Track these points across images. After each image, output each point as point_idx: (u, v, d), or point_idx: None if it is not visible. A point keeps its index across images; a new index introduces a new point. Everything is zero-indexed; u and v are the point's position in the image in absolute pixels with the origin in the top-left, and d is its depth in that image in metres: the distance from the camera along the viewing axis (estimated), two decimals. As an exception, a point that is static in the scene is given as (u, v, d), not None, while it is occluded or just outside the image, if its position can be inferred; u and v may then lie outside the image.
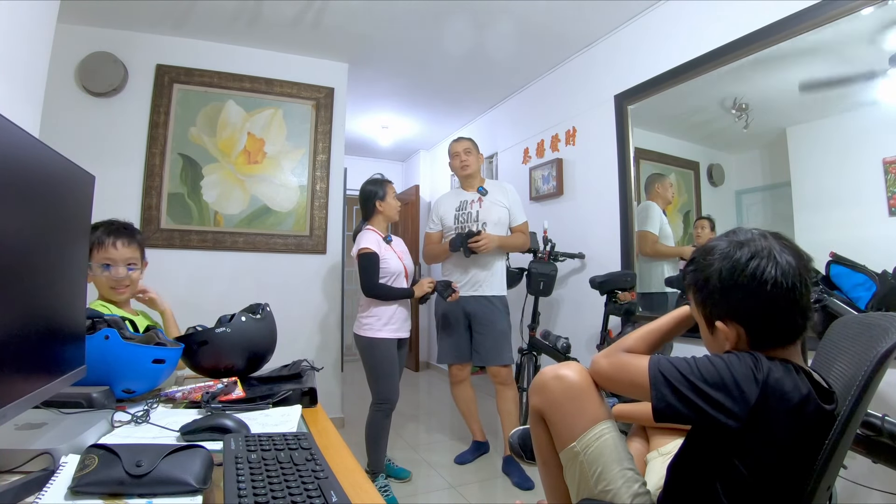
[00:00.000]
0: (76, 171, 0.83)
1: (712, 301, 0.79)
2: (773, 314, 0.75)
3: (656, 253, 2.55)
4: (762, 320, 0.76)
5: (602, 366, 0.90)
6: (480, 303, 2.46)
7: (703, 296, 0.80)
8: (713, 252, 0.79)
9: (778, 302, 0.74)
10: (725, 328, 0.77)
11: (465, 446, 2.66)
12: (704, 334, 0.85)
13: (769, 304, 0.74)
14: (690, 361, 0.77)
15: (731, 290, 0.76)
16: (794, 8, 1.82)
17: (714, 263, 0.78)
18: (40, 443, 0.72)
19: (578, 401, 0.91)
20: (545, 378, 0.97)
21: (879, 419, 1.05)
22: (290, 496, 0.58)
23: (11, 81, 1.47)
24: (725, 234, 0.82)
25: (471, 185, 2.57)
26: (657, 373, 0.77)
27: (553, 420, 0.94)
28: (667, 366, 0.78)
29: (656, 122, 2.59)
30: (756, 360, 0.73)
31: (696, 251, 0.85)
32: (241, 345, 1.28)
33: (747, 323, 0.76)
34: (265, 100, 3.08)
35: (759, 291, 0.74)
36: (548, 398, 0.94)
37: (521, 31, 2.83)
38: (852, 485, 1.39)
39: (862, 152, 1.68)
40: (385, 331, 2.22)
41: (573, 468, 0.90)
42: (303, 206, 3.12)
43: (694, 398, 0.73)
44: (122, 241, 1.39)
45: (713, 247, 0.80)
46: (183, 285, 2.81)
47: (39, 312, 0.72)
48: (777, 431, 0.71)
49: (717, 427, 0.73)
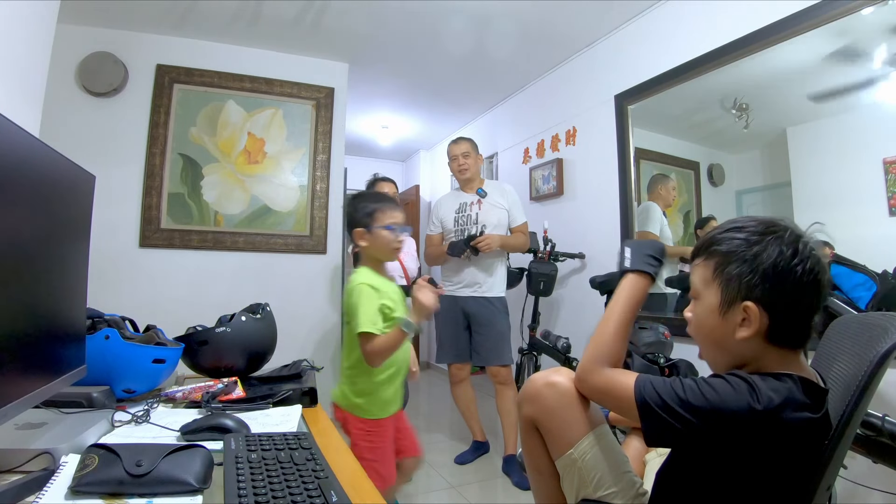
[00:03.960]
0: (76, 170, 0.84)
1: (752, 280, 0.72)
2: (807, 316, 0.73)
3: None
4: (794, 318, 0.72)
5: (587, 388, 0.88)
6: (480, 303, 2.46)
7: (736, 271, 0.73)
8: (775, 229, 0.73)
9: (815, 307, 0.72)
10: (757, 311, 0.71)
11: (465, 446, 2.66)
12: (708, 311, 0.77)
13: (809, 305, 0.72)
14: (677, 387, 0.73)
15: (783, 276, 0.70)
16: (794, 8, 1.81)
17: (772, 243, 0.71)
18: (40, 442, 0.72)
19: (572, 407, 0.90)
20: (537, 386, 0.94)
21: (879, 419, 1.05)
22: (291, 496, 0.58)
23: (11, 81, 1.47)
24: (767, 219, 0.76)
25: (470, 187, 2.57)
26: (644, 402, 0.74)
27: (547, 428, 0.93)
28: (653, 394, 0.74)
29: (656, 122, 2.59)
30: (753, 388, 0.69)
31: (735, 225, 0.77)
32: (242, 345, 1.29)
33: (779, 315, 0.71)
34: (265, 100, 3.08)
35: (808, 290, 0.71)
36: (541, 407, 0.93)
37: (521, 31, 2.82)
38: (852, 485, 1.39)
39: (862, 152, 1.68)
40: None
41: (571, 475, 0.89)
42: (303, 206, 3.12)
43: (683, 426, 0.70)
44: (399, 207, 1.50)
45: (775, 225, 0.74)
46: (183, 285, 2.81)
47: (40, 312, 0.72)
48: (769, 451, 0.70)
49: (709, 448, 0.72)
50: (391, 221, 1.40)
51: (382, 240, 1.39)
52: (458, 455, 2.57)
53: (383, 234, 1.39)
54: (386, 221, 1.39)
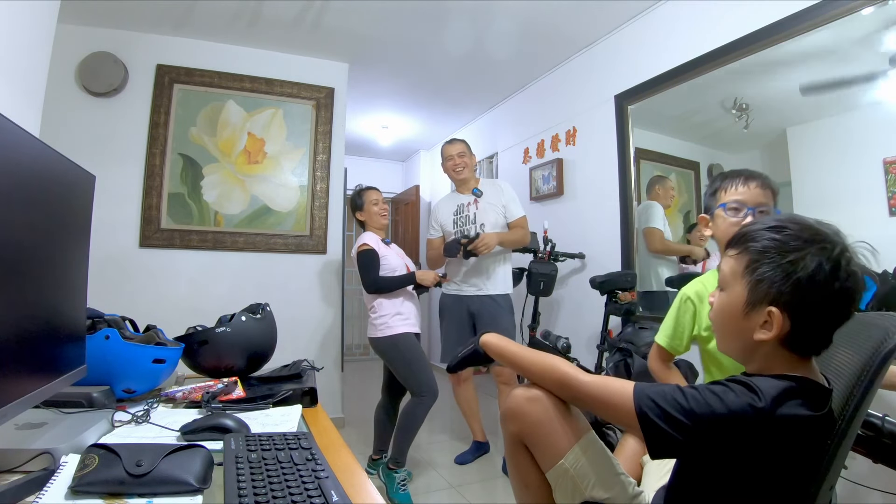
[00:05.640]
0: (77, 170, 0.84)
1: (782, 286, 0.70)
2: (831, 329, 0.71)
3: (666, 249, 2.53)
4: (817, 329, 0.71)
5: (581, 394, 0.84)
6: (485, 302, 2.46)
7: (769, 274, 0.71)
8: (819, 239, 0.70)
9: (841, 321, 0.70)
10: (780, 317, 0.70)
11: (465, 446, 2.66)
12: (732, 304, 0.76)
13: (835, 320, 0.70)
14: (679, 397, 0.72)
15: (817, 290, 0.68)
16: (794, 8, 1.81)
17: (813, 254, 0.68)
18: (40, 442, 0.72)
19: (558, 418, 0.89)
20: (519, 402, 0.93)
21: (880, 419, 1.05)
22: (291, 496, 0.58)
23: (12, 81, 1.47)
24: (817, 225, 0.72)
25: (466, 188, 2.57)
26: (644, 413, 0.72)
27: (535, 442, 0.92)
28: (652, 405, 0.72)
29: (656, 122, 2.59)
30: (753, 389, 0.68)
31: (782, 224, 0.73)
32: (242, 345, 1.28)
33: (803, 325, 0.70)
34: (265, 100, 3.08)
35: (839, 306, 0.69)
36: (527, 422, 0.92)
37: (521, 31, 2.83)
38: (853, 485, 1.39)
39: (862, 152, 1.68)
40: (403, 325, 2.24)
41: (565, 484, 0.89)
42: (303, 206, 3.12)
43: (686, 437, 0.69)
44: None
45: (820, 234, 0.70)
46: (183, 285, 2.81)
47: (40, 312, 0.72)
48: (774, 450, 0.69)
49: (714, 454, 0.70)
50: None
51: None
52: (458, 455, 2.57)
53: None
54: None
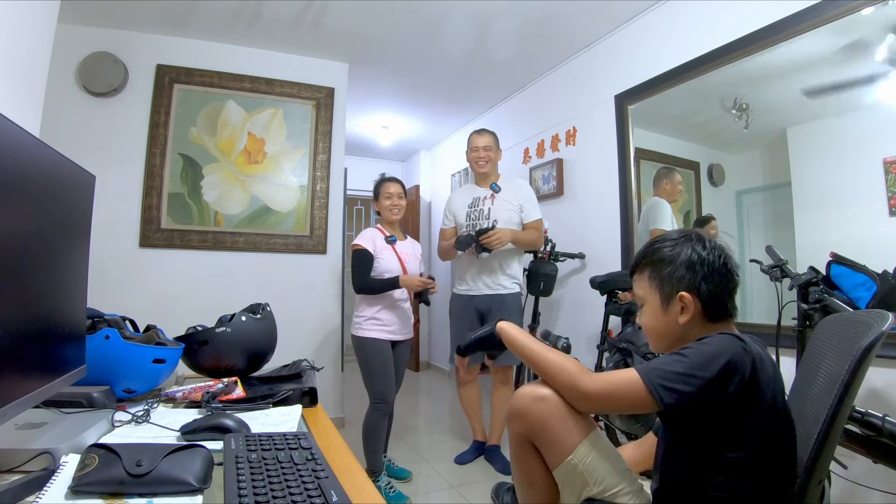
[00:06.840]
0: (77, 170, 0.84)
1: (680, 274, 0.90)
2: (730, 293, 0.91)
3: None
4: (719, 296, 0.89)
5: (590, 396, 0.88)
6: (493, 299, 2.45)
7: (667, 272, 0.92)
8: (688, 234, 0.94)
9: (733, 284, 0.91)
10: (691, 298, 0.89)
11: (465, 446, 2.66)
12: (653, 311, 0.94)
13: (727, 284, 0.90)
14: (676, 359, 0.82)
15: (702, 265, 0.89)
16: (794, 8, 1.81)
17: (687, 244, 0.92)
18: (40, 442, 0.72)
19: (565, 416, 0.91)
20: (525, 402, 0.94)
21: (880, 419, 1.05)
22: (291, 496, 0.58)
23: (12, 81, 1.47)
24: (679, 230, 0.98)
25: (485, 182, 2.56)
26: (657, 384, 0.81)
27: (543, 441, 0.93)
28: (662, 372, 0.82)
29: (656, 122, 2.59)
30: (735, 336, 0.83)
31: (657, 240, 0.97)
32: (242, 345, 1.28)
33: (707, 296, 0.89)
34: (265, 100, 3.08)
35: (722, 267, 0.90)
36: (533, 421, 0.93)
37: (521, 31, 2.82)
38: (852, 485, 1.39)
39: (862, 152, 1.68)
40: (375, 331, 2.21)
41: (573, 480, 0.90)
42: (303, 206, 3.12)
43: (699, 389, 0.78)
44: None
45: (687, 232, 0.95)
46: (183, 285, 2.81)
47: (40, 312, 0.72)
48: (765, 394, 0.79)
49: (719, 402, 0.79)
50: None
51: None
52: (458, 455, 2.57)
53: None
54: None
